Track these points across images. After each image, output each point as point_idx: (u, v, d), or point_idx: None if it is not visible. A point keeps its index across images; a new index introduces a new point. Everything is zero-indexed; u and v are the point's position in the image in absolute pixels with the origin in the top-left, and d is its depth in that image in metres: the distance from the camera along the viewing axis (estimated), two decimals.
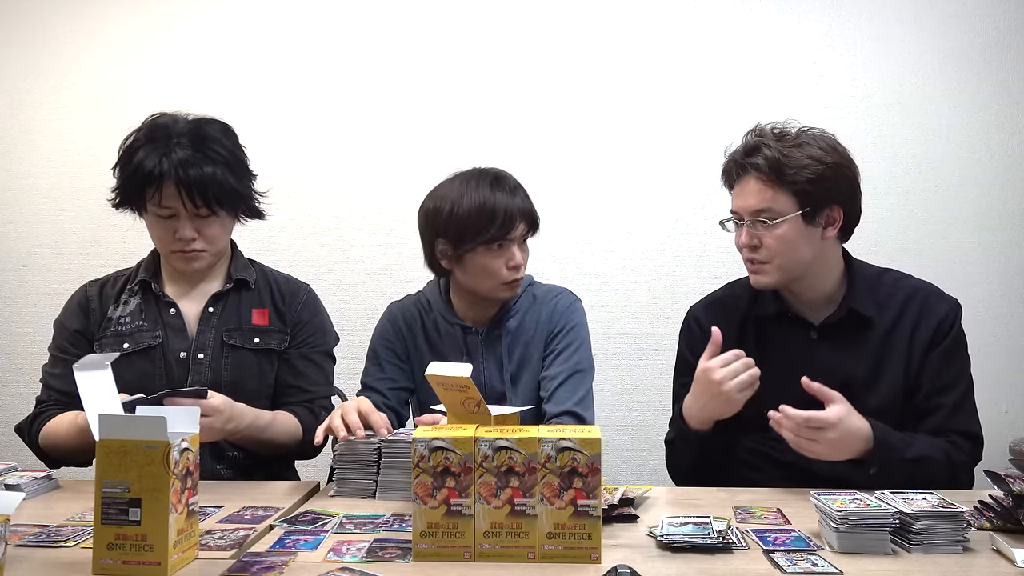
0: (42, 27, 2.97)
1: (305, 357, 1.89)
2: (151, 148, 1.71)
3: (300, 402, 1.85)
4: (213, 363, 1.80)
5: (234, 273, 1.88)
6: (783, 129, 1.70)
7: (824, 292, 1.73)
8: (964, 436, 1.64)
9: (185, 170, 1.69)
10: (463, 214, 1.77)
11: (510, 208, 1.78)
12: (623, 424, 2.80)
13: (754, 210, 1.67)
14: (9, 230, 2.96)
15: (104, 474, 1.14)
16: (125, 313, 1.83)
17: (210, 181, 1.71)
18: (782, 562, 1.18)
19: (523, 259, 1.84)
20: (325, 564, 1.19)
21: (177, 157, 1.69)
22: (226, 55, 2.93)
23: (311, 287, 1.98)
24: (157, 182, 1.70)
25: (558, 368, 1.85)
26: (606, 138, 2.87)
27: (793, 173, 1.63)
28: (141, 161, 1.71)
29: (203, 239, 1.77)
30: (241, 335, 1.84)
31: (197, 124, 1.77)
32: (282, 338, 1.87)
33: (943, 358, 1.67)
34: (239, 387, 1.78)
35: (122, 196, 1.78)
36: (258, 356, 1.84)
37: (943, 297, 1.73)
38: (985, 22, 2.82)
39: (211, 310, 1.84)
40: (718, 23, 2.86)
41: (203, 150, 1.73)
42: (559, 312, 1.91)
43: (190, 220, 1.74)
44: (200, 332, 1.82)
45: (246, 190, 1.82)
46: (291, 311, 1.90)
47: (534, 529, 1.19)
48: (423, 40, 2.90)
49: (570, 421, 1.78)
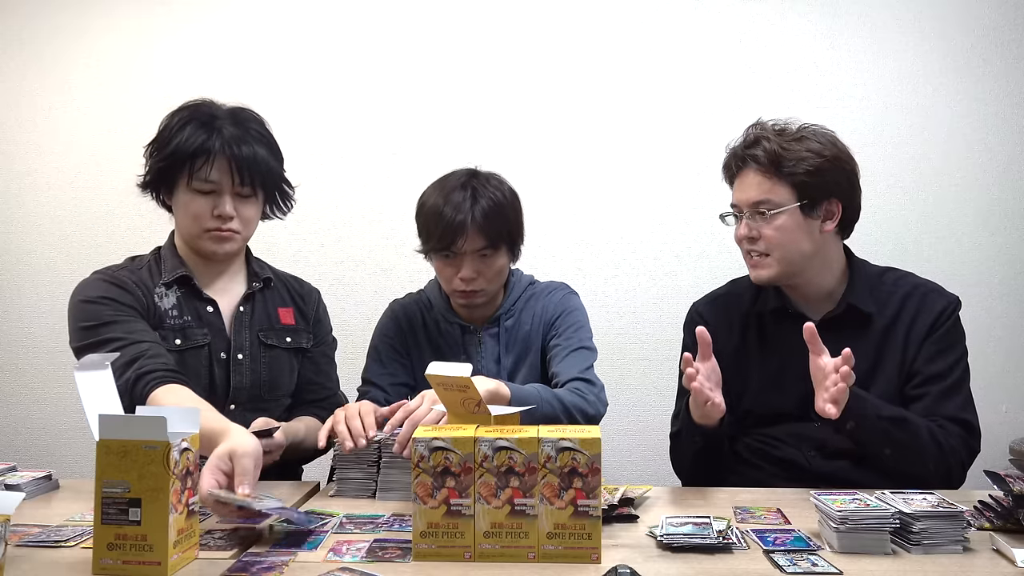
0: (42, 27, 2.97)
1: (326, 355, 1.95)
2: (198, 125, 1.72)
3: (320, 399, 1.88)
4: (252, 363, 1.80)
5: (259, 272, 1.88)
6: (783, 125, 1.71)
7: (824, 288, 1.74)
8: (953, 421, 1.62)
9: (236, 146, 1.71)
10: (423, 215, 1.81)
11: (459, 219, 1.73)
12: (623, 424, 2.80)
13: (753, 202, 1.68)
14: (9, 230, 2.96)
15: (104, 474, 1.14)
16: (168, 306, 1.75)
17: (258, 159, 1.74)
18: (782, 562, 1.18)
19: (480, 272, 1.78)
20: (325, 564, 1.19)
21: (228, 133, 1.71)
22: (227, 55, 2.93)
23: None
24: (207, 155, 1.69)
25: (562, 344, 1.86)
26: (606, 138, 2.87)
27: (792, 165, 1.65)
28: (190, 135, 1.70)
29: (239, 220, 1.75)
30: (275, 334, 1.85)
31: (235, 109, 1.80)
32: (308, 336, 1.90)
33: (936, 346, 1.68)
34: (276, 386, 1.82)
35: (160, 174, 1.74)
36: (291, 355, 1.86)
37: (942, 293, 1.73)
38: (985, 22, 2.82)
39: (242, 309, 1.83)
40: (718, 23, 2.86)
41: (248, 130, 1.75)
42: (555, 301, 1.92)
43: (232, 198, 1.73)
44: (236, 332, 1.80)
45: (282, 176, 1.84)
46: (310, 310, 1.93)
47: (534, 529, 1.19)
48: (423, 40, 2.91)
49: (581, 384, 1.76)
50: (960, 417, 1.63)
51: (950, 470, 1.60)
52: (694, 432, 1.66)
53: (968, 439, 1.63)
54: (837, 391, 1.48)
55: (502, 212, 1.79)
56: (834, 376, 1.48)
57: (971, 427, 1.64)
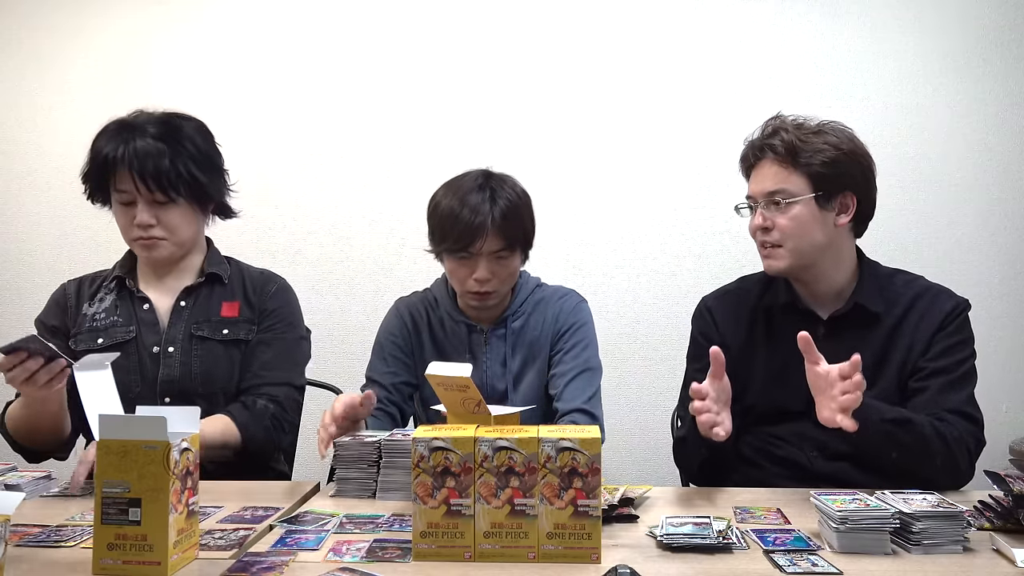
0: (40, 26, 2.97)
1: (263, 342, 1.88)
2: (112, 136, 1.78)
3: (248, 387, 1.84)
4: (183, 356, 1.82)
5: (207, 268, 1.90)
6: (802, 120, 1.72)
7: (835, 285, 1.73)
8: (955, 414, 1.59)
9: (140, 156, 1.74)
10: (435, 218, 1.79)
11: (474, 223, 1.73)
12: (624, 424, 2.80)
13: (769, 191, 1.68)
14: (9, 230, 2.97)
15: (104, 474, 1.14)
16: (100, 309, 1.86)
17: (165, 167, 1.75)
18: (782, 562, 1.18)
19: (495, 274, 1.78)
20: (325, 564, 1.19)
21: (135, 145, 1.75)
22: (227, 55, 2.93)
23: (285, 280, 1.98)
24: (112, 168, 1.76)
25: (567, 365, 1.85)
26: (607, 139, 2.87)
27: (808, 156, 1.65)
28: (100, 148, 1.77)
29: (162, 227, 1.79)
30: (209, 326, 1.85)
31: (168, 117, 1.83)
32: (250, 328, 1.88)
33: (943, 344, 1.66)
34: (210, 379, 1.82)
35: (88, 185, 1.83)
36: (227, 347, 1.85)
37: (952, 295, 1.73)
38: (985, 22, 2.82)
39: (183, 304, 1.86)
40: (719, 24, 2.86)
41: (165, 139, 1.77)
42: (566, 312, 1.90)
43: (148, 206, 1.77)
44: (171, 326, 1.84)
45: (210, 183, 1.84)
46: (260, 300, 1.91)
47: (534, 529, 1.19)
48: (423, 40, 2.91)
49: (582, 419, 1.77)
50: (963, 410, 1.61)
51: (958, 464, 1.56)
52: (700, 444, 1.66)
53: (974, 430, 1.60)
54: (848, 400, 1.42)
55: (518, 213, 1.79)
56: (842, 384, 1.43)
57: (975, 420, 1.61)
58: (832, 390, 1.45)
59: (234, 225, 1.99)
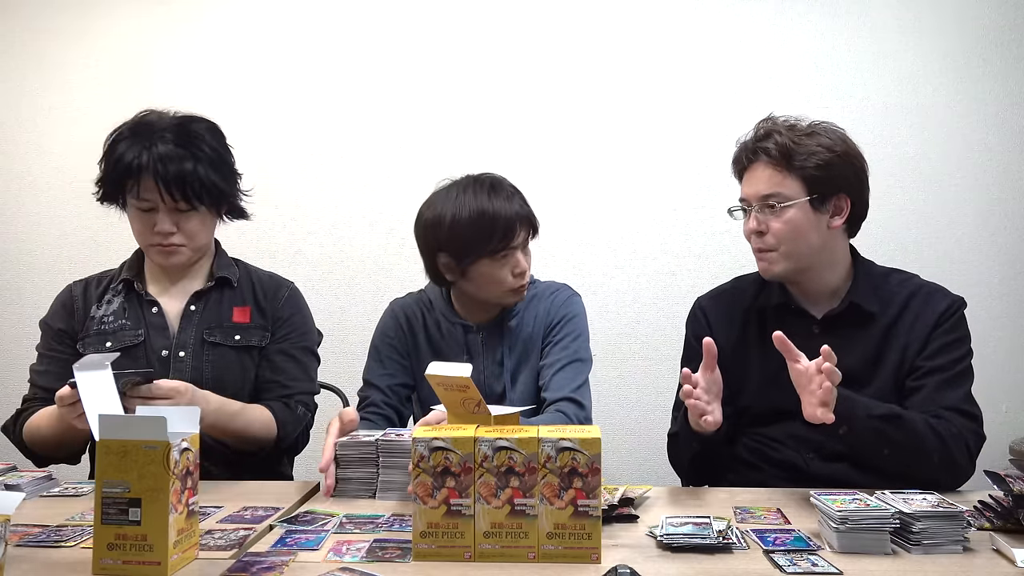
0: (43, 28, 2.97)
1: (284, 352, 1.88)
2: (133, 141, 1.73)
3: (278, 397, 1.84)
4: (194, 361, 1.81)
5: (216, 271, 1.88)
6: (794, 121, 1.71)
7: (829, 286, 1.73)
8: (952, 411, 1.58)
9: (165, 164, 1.70)
10: (463, 227, 1.75)
11: (509, 216, 1.76)
12: (623, 424, 2.80)
13: (763, 195, 1.67)
14: (9, 230, 2.97)
15: (104, 474, 1.14)
16: (108, 312, 1.84)
17: (190, 176, 1.72)
18: (782, 562, 1.18)
19: (527, 263, 1.83)
20: (325, 564, 1.19)
21: (158, 151, 1.71)
22: (228, 56, 2.93)
23: (295, 284, 1.98)
24: (136, 175, 1.71)
25: (556, 356, 1.85)
26: (606, 139, 2.87)
27: (802, 159, 1.65)
28: (122, 154, 1.73)
29: (182, 234, 1.77)
30: (222, 332, 1.84)
31: (183, 120, 1.79)
32: (263, 335, 1.87)
33: (939, 342, 1.66)
34: (221, 385, 1.78)
35: (104, 189, 1.80)
36: (239, 353, 1.85)
37: (947, 294, 1.73)
38: (984, 22, 2.83)
39: (192, 308, 1.84)
40: (718, 24, 2.87)
41: (186, 145, 1.74)
42: (557, 305, 1.91)
43: (169, 214, 1.75)
44: (182, 330, 1.83)
45: (228, 188, 1.82)
46: (272, 307, 1.90)
47: (534, 529, 1.19)
48: (423, 40, 2.91)
49: (569, 407, 1.77)
50: (960, 407, 1.60)
51: (955, 460, 1.55)
52: (692, 438, 1.66)
53: (973, 426, 1.59)
54: (824, 392, 1.43)
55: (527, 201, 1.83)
56: (818, 377, 1.44)
57: (974, 417, 1.60)
58: (811, 385, 1.46)
59: (234, 225, 1.98)
